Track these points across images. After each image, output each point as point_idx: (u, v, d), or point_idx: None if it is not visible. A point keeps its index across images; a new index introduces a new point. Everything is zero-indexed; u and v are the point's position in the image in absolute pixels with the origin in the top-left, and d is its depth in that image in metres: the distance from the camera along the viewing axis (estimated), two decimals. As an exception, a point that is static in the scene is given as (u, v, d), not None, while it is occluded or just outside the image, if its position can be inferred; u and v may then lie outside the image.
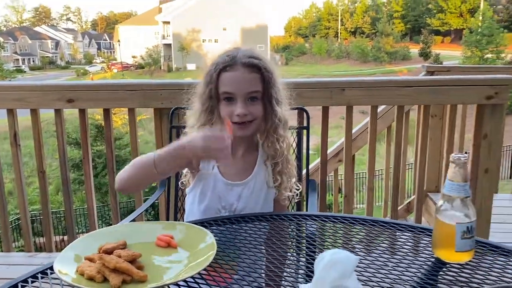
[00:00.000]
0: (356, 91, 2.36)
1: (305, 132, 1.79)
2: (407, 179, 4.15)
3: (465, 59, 29.14)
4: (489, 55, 28.21)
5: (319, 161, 2.60)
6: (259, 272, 0.99)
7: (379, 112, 3.10)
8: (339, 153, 3.37)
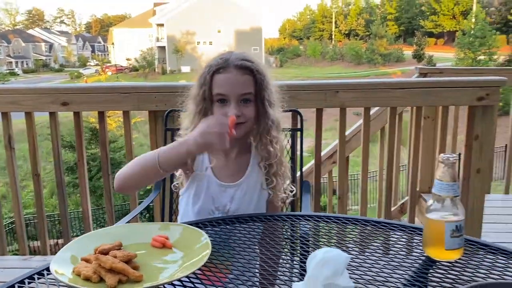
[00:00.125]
0: (349, 93, 2.38)
1: (299, 134, 1.80)
2: (401, 180, 4.17)
3: (458, 60, 29.31)
4: (482, 57, 28.41)
5: (313, 163, 2.62)
6: (253, 271, 1.00)
7: (372, 113, 3.13)
8: (333, 155, 3.38)
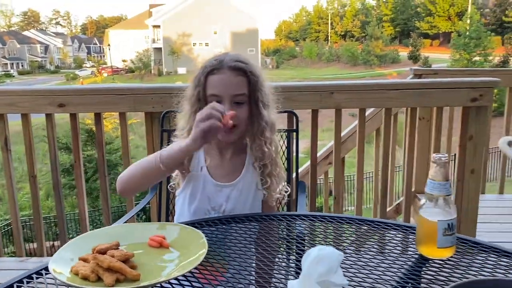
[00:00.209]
0: (344, 94, 2.40)
1: (294, 135, 1.82)
2: (397, 181, 4.18)
3: (454, 62, 29.43)
4: (477, 58, 28.53)
5: (309, 163, 2.64)
6: (249, 270, 1.02)
7: (368, 114, 3.15)
8: (329, 155, 3.40)
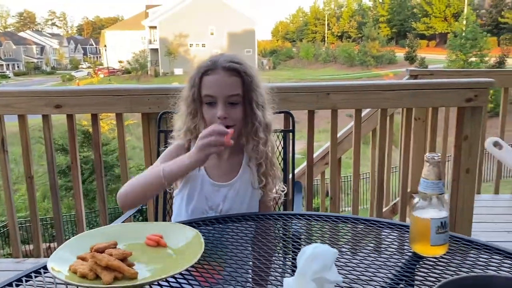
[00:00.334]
0: (340, 95, 2.41)
1: (291, 135, 1.83)
2: (394, 181, 4.19)
3: (450, 62, 29.54)
4: (473, 59, 28.65)
5: (305, 164, 2.65)
6: (246, 268, 1.03)
7: (364, 115, 3.17)
8: (325, 156, 3.41)
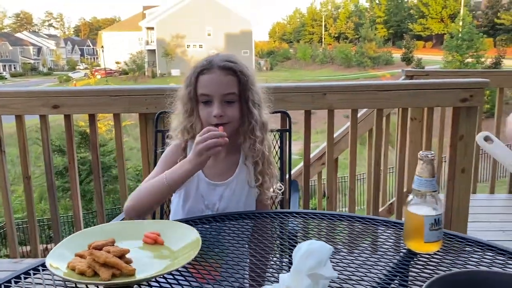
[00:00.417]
0: (336, 95, 2.43)
1: (287, 134, 1.84)
2: (391, 181, 4.21)
3: (447, 63, 29.60)
4: (470, 60, 28.74)
5: (302, 164, 2.66)
6: (242, 265, 1.04)
7: (361, 115, 3.19)
8: (322, 156, 3.42)
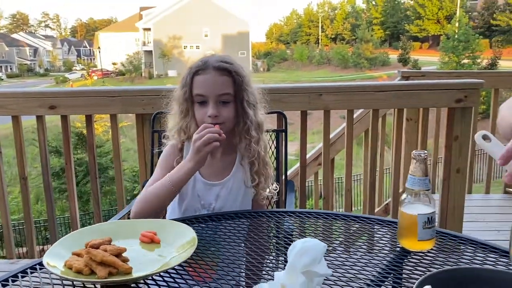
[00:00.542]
0: (332, 96, 2.44)
1: (283, 135, 1.85)
2: (387, 182, 4.22)
3: (443, 64, 29.73)
4: (466, 61, 28.88)
5: (299, 165, 2.67)
6: (238, 263, 1.05)
7: (357, 116, 3.20)
8: (318, 157, 3.43)
